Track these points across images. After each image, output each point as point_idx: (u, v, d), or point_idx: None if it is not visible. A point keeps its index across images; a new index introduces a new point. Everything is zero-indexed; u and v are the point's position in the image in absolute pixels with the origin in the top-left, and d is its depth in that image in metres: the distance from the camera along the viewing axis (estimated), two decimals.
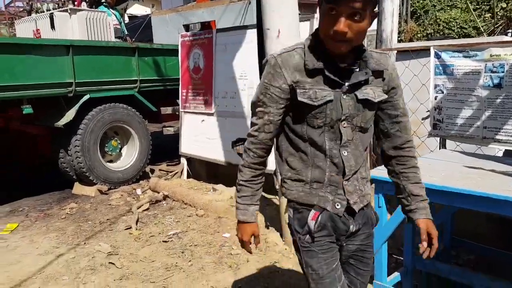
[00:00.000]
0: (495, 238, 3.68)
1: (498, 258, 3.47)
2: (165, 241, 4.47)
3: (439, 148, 3.96)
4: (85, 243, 4.44)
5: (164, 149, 8.12)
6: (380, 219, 2.82)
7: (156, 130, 8.52)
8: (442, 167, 2.96)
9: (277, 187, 3.84)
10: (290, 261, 3.71)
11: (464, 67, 3.70)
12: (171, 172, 7.06)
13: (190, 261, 3.97)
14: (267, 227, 4.35)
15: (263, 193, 5.44)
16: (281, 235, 4.05)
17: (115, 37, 7.78)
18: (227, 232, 4.54)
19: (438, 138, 3.99)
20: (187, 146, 6.53)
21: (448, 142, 4.00)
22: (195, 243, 4.37)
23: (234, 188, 5.13)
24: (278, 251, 3.90)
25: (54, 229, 4.88)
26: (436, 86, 3.93)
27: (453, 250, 3.66)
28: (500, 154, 3.95)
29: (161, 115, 7.20)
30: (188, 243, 4.38)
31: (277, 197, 5.14)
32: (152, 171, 7.28)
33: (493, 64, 3.51)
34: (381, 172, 2.80)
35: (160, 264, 3.92)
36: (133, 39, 8.36)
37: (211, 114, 5.92)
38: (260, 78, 1.76)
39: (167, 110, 6.96)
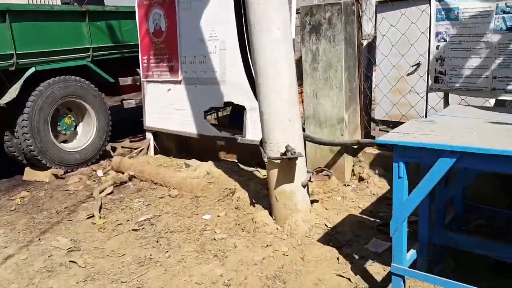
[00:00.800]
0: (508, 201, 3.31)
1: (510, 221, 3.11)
2: (136, 230, 3.83)
3: (444, 105, 3.48)
4: (39, 239, 3.73)
5: (126, 124, 7.34)
6: (401, 193, 2.33)
7: (116, 103, 7.68)
8: (467, 125, 2.46)
9: (265, 159, 3.27)
10: (284, 243, 3.19)
11: (471, 10, 3.18)
12: (135, 149, 6.33)
13: (167, 251, 3.38)
14: (252, 204, 3.80)
15: (244, 166, 4.86)
16: (270, 213, 3.51)
17: (62, 3, 6.82)
18: (207, 213, 3.96)
19: (441, 93, 3.51)
20: (152, 120, 5.81)
21: (450, 97, 3.52)
22: (171, 229, 3.77)
23: (210, 162, 4.53)
24: (269, 232, 3.37)
25: (1, 224, 4.13)
26: (437, 34, 3.41)
27: (466, 215, 3.25)
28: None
29: (120, 87, 6.40)
30: (163, 229, 3.77)
31: (259, 169, 4.58)
32: (114, 149, 6.52)
33: (506, 3, 3.00)
34: (401, 136, 2.27)
35: (132, 258, 3.30)
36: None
37: (178, 82, 5.21)
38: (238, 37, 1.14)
39: (126, 80, 6.15)
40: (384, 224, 3.31)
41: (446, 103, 3.54)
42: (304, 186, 3.37)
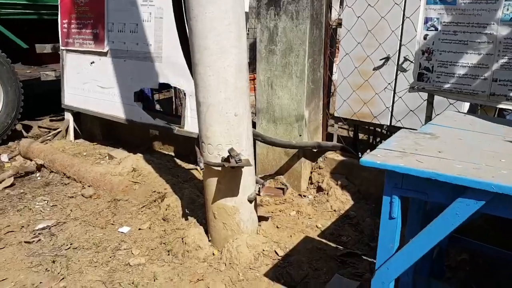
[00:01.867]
0: (492, 235, 2.71)
1: (494, 257, 2.51)
2: (29, 242, 2.87)
3: (428, 110, 2.80)
4: None
5: (50, 99, 6.16)
6: (390, 241, 1.60)
7: (36, 75, 6.43)
8: (483, 144, 1.75)
9: (200, 165, 2.42)
10: (221, 277, 2.39)
11: None
12: (55, 129, 5.24)
13: (63, 279, 2.47)
14: (185, 216, 2.95)
15: (181, 162, 3.98)
16: (206, 232, 2.69)
17: None
18: (126, 224, 3.06)
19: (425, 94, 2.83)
20: (72, 97, 4.75)
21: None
22: (75, 243, 2.84)
23: (138, 155, 3.60)
24: (203, 259, 2.55)
25: None
26: (427, 20, 2.70)
27: (448, 248, 2.62)
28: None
29: (37, 55, 5.23)
30: (65, 243, 2.84)
31: (199, 168, 3.73)
32: (29, 128, 5.40)
33: None
34: (398, 157, 1.53)
35: (13, 287, 2.37)
36: None
37: (104, 54, 4.19)
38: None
39: (44, 48, 4.99)
40: (348, 253, 2.60)
41: (430, 106, 2.86)
42: (251, 202, 2.57)
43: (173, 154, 4.40)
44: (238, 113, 2.37)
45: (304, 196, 3.32)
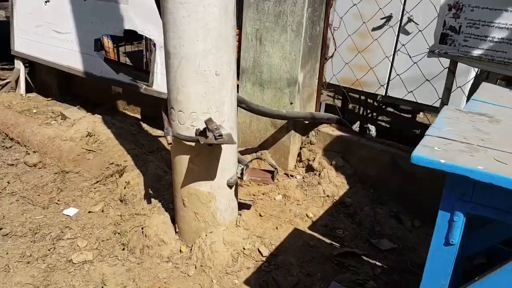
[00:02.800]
0: None
1: None
2: None
3: (448, 80, 2.25)
4: None
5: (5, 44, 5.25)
6: (443, 276, 1.05)
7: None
8: None
9: (168, 138, 1.79)
10: (189, 284, 1.83)
11: None
12: (3, 80, 4.43)
13: None
14: (147, 199, 2.34)
15: (148, 127, 3.34)
16: (173, 221, 2.10)
17: None
18: (74, 205, 2.44)
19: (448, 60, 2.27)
20: (24, 42, 3.95)
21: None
22: (7, 227, 2.21)
23: (96, 117, 2.75)
24: (167, 258, 1.98)
25: None
26: None
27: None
28: None
29: None
30: None
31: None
32: None
33: None
34: (460, 151, 0.95)
35: None
36: None
37: None
38: None
39: None
40: (346, 253, 2.08)
41: (451, 76, 2.30)
42: (231, 187, 1.98)
43: (139, 116, 3.72)
44: (220, 71, 1.73)
45: (292, 176, 2.75)
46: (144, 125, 3.43)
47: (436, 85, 2.60)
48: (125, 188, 2.45)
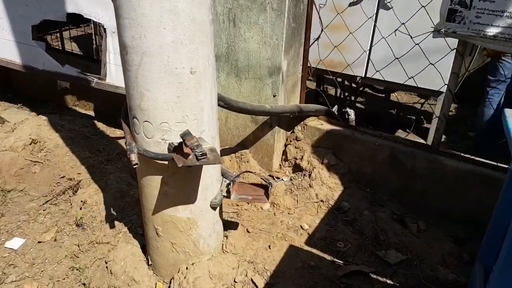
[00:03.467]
0: None
1: None
2: None
3: (455, 64, 1.96)
4: None
5: None
6: None
7: None
8: None
9: (131, 158, 1.38)
10: None
11: None
12: None
13: None
14: (110, 222, 1.92)
15: (104, 127, 2.89)
16: (144, 248, 1.71)
17: None
18: (19, 233, 1.98)
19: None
20: None
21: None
22: None
23: (41, 119, 2.27)
24: None
25: None
26: None
27: None
28: None
29: None
30: None
31: None
32: None
33: None
34: None
35: None
36: None
37: None
38: None
39: None
40: (353, 272, 1.78)
41: (460, 59, 2.01)
42: (215, 208, 1.61)
43: (92, 113, 3.23)
44: (196, 68, 1.32)
45: (277, 178, 2.41)
46: (99, 125, 2.95)
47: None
48: (81, 208, 2.02)
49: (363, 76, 2.89)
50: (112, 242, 1.82)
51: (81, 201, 2.04)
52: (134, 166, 1.37)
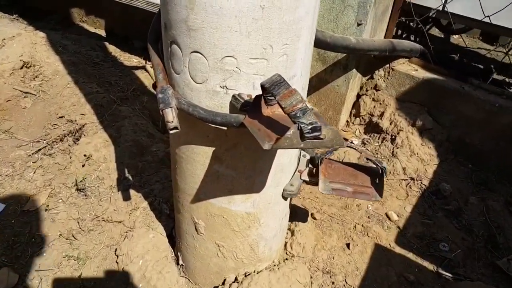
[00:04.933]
0: None
1: None
2: None
3: None
4: None
5: None
6: None
7: None
8: None
9: (170, 119, 0.78)
10: None
11: None
12: None
13: None
14: (123, 191, 1.37)
15: (116, 51, 2.26)
16: (171, 237, 1.17)
17: None
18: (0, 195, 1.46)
19: None
20: None
21: None
22: None
23: (39, 34, 2.03)
24: None
25: None
26: None
27: None
28: None
29: None
30: None
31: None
32: None
33: None
34: None
35: None
36: None
37: None
38: None
39: None
40: None
41: None
42: (286, 198, 1.03)
43: (102, 33, 2.56)
44: None
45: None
46: (111, 48, 2.30)
47: None
48: (83, 165, 1.46)
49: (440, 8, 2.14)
50: (126, 222, 1.28)
51: (84, 155, 1.47)
52: (172, 132, 0.77)
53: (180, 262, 1.15)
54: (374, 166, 1.00)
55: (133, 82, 1.96)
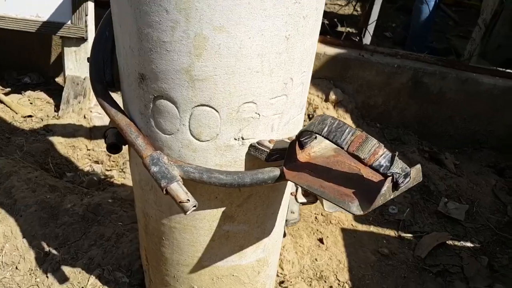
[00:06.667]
0: None
1: None
2: None
3: None
4: None
5: None
6: None
7: None
8: None
9: (183, 201, 0.59)
10: None
11: None
12: None
13: None
14: (51, 267, 1.07)
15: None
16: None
17: None
18: None
19: None
20: None
21: None
22: None
23: None
24: None
25: None
26: None
27: None
28: None
29: None
30: None
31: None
32: None
33: None
34: None
35: None
36: None
37: None
38: None
39: None
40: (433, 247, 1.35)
41: None
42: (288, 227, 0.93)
43: None
44: None
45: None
46: None
47: None
48: None
49: None
50: None
51: None
52: (188, 213, 0.58)
53: None
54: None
55: None
